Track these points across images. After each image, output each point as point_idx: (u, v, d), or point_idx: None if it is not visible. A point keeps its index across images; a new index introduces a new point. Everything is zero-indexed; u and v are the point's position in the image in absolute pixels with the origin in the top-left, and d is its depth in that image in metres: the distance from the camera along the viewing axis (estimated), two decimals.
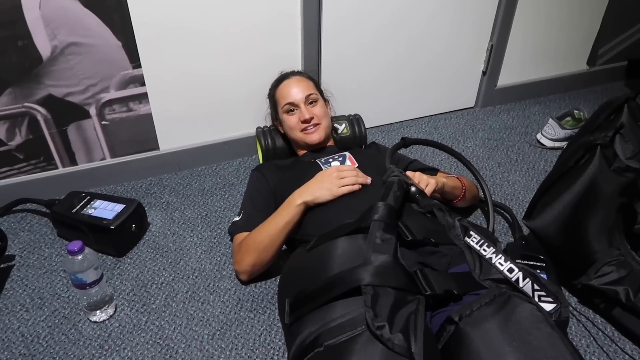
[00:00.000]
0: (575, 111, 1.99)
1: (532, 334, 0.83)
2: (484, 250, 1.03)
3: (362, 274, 0.87)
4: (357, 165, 1.37)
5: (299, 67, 1.78)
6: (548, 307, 0.94)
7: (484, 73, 2.15)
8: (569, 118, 1.99)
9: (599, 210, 1.20)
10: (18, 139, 1.54)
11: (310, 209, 1.22)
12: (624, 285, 1.15)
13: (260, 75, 1.67)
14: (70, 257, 1.15)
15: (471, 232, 1.06)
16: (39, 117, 1.53)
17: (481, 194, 1.49)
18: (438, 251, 1.05)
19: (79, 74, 1.51)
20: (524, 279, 0.96)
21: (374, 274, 0.87)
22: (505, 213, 1.57)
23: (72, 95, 1.54)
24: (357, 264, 0.91)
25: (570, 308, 1.26)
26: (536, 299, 0.94)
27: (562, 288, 1.30)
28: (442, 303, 0.96)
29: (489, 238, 1.05)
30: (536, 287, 0.95)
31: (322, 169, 1.33)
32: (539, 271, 1.24)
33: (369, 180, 1.25)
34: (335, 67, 1.85)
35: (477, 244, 1.04)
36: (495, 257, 1.01)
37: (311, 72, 1.73)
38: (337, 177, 1.21)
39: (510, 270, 0.98)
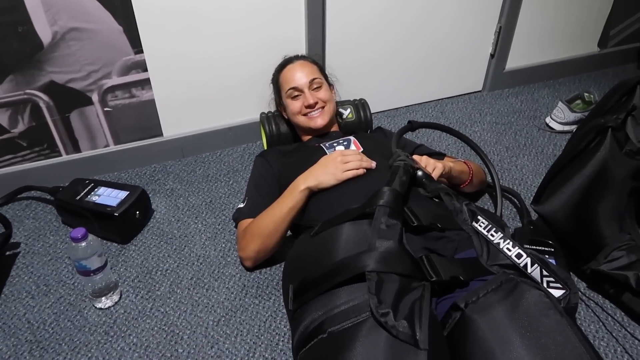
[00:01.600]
0: (586, 94, 1.95)
1: (540, 321, 0.82)
2: (492, 235, 1.01)
3: (367, 260, 0.86)
4: (362, 149, 1.35)
5: (303, 50, 1.75)
6: (557, 293, 0.92)
7: (492, 56, 2.10)
8: (579, 101, 1.95)
9: (610, 195, 1.18)
10: (21, 126, 1.53)
11: (314, 194, 1.21)
12: (635, 271, 1.13)
13: (264, 59, 1.65)
14: (73, 244, 1.15)
15: (479, 217, 1.04)
16: (42, 104, 1.52)
17: (489, 178, 1.47)
18: (444, 236, 1.04)
19: (81, 60, 1.50)
20: (532, 265, 0.94)
21: (379, 260, 0.86)
22: (513, 198, 1.55)
23: (74, 81, 1.52)
24: (361, 250, 0.89)
25: (579, 293, 1.24)
26: (545, 285, 0.92)
27: (571, 273, 1.28)
28: (448, 289, 0.94)
29: (497, 223, 1.03)
30: (545, 272, 0.93)
31: (326, 154, 1.31)
32: (547, 256, 1.22)
33: (373, 164, 1.23)
34: (340, 50, 1.82)
35: (484, 229, 1.02)
36: (503, 242, 0.99)
37: (315, 55, 1.70)
38: (341, 162, 1.20)
39: (519, 256, 0.96)
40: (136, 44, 1.53)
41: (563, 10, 2.10)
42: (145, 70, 1.59)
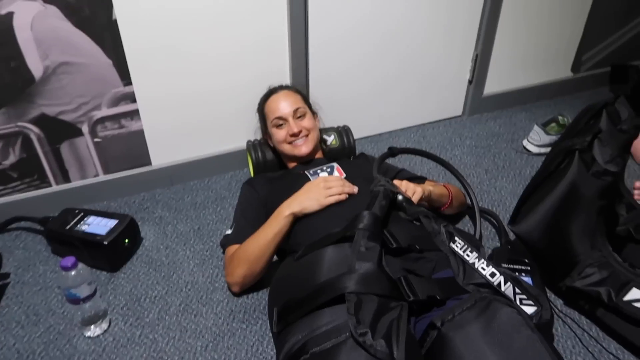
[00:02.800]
0: (560, 117, 2.04)
1: (513, 337, 0.86)
2: (467, 255, 1.05)
3: (347, 281, 0.90)
4: (344, 175, 1.40)
5: (287, 80, 1.81)
6: (529, 310, 0.96)
7: (470, 82, 2.19)
8: (553, 124, 2.03)
9: (581, 213, 1.23)
10: (12, 158, 1.57)
11: (299, 220, 1.25)
12: (606, 286, 1.18)
13: (250, 90, 1.70)
14: (63, 272, 1.17)
15: (456, 238, 1.09)
16: (32, 136, 1.56)
17: (468, 200, 1.52)
18: (423, 257, 1.08)
19: (71, 93, 1.54)
20: (505, 283, 0.99)
21: (358, 281, 0.90)
22: (492, 219, 1.60)
23: (65, 113, 1.57)
24: (342, 272, 0.93)
25: (557, 310, 1.29)
26: (517, 302, 0.97)
27: (548, 290, 1.32)
28: (426, 308, 0.98)
29: (473, 243, 1.08)
30: (517, 290, 0.98)
31: (310, 180, 1.36)
32: (524, 275, 1.27)
33: (355, 189, 1.28)
34: (323, 80, 1.89)
35: (461, 249, 1.07)
36: (478, 262, 1.04)
37: (299, 85, 1.76)
38: (324, 188, 1.24)
39: (492, 275, 1.00)
40: (125, 77, 1.59)
41: (536, 38, 2.20)
42: (134, 101, 1.64)
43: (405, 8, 1.88)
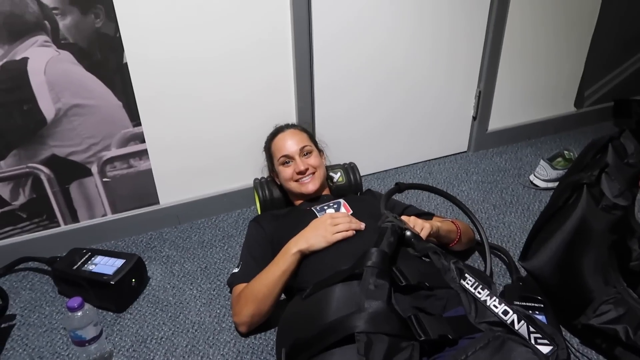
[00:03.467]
0: (565, 152, 2.04)
1: None
2: (479, 292, 1.03)
3: (356, 321, 0.88)
4: (351, 212, 1.40)
5: (293, 119, 1.84)
6: (545, 349, 0.93)
7: (474, 118, 2.21)
8: (560, 159, 2.04)
9: (592, 249, 1.22)
10: (22, 199, 1.58)
11: (306, 257, 1.24)
12: (623, 324, 1.15)
13: (257, 131, 1.73)
14: (70, 313, 1.16)
15: (466, 275, 1.07)
16: (43, 177, 1.58)
17: (477, 236, 1.51)
18: (433, 295, 1.06)
19: (82, 134, 1.57)
20: (519, 321, 0.96)
21: (368, 320, 0.88)
22: (501, 255, 1.58)
23: (75, 154, 1.59)
24: (351, 311, 0.91)
25: (573, 349, 1.25)
26: (532, 341, 0.94)
27: (564, 329, 1.29)
28: (437, 348, 0.96)
29: (484, 280, 1.06)
30: (532, 329, 0.95)
31: (317, 217, 1.35)
32: (537, 312, 1.24)
33: (362, 225, 1.27)
34: (328, 120, 1.92)
35: (472, 286, 1.05)
36: (490, 299, 1.01)
37: (305, 123, 1.79)
38: (331, 224, 1.24)
39: (505, 313, 0.98)
40: (135, 118, 1.62)
41: (537, 74, 2.24)
42: (143, 141, 1.66)
43: (408, 48, 1.93)
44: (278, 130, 1.64)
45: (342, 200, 1.46)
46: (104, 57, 1.50)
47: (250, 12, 1.62)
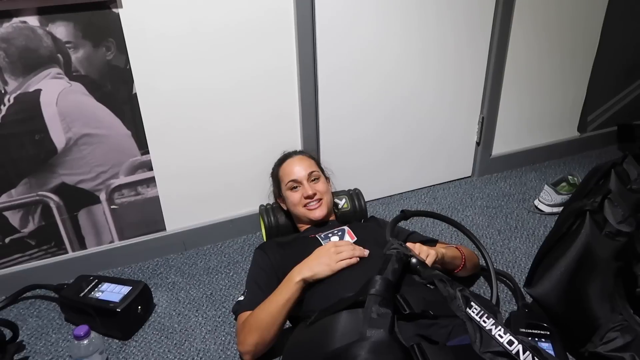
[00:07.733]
0: (570, 176, 2.04)
1: None
2: (484, 321, 1.03)
3: (358, 350, 0.88)
4: (355, 238, 1.41)
5: (298, 147, 1.87)
6: None
7: (477, 144, 2.23)
8: (564, 183, 2.04)
9: (597, 275, 1.22)
10: (31, 226, 1.61)
11: (310, 285, 1.24)
12: (630, 352, 1.14)
13: (263, 159, 1.76)
14: (76, 341, 1.17)
15: (472, 303, 1.07)
16: (52, 205, 1.61)
17: (482, 262, 1.51)
18: (437, 323, 1.06)
19: (91, 162, 1.60)
20: (524, 352, 0.95)
21: (370, 350, 0.88)
22: (507, 281, 1.57)
23: (84, 182, 1.62)
24: (354, 339, 0.92)
25: None
26: None
27: (571, 356, 1.28)
28: None
29: (490, 309, 1.05)
30: None
31: (321, 244, 1.36)
32: (543, 340, 1.23)
33: (366, 253, 1.28)
34: (333, 149, 1.94)
35: (477, 314, 1.04)
36: (495, 328, 1.01)
37: (311, 151, 1.81)
38: (335, 252, 1.25)
39: (510, 343, 0.97)
40: (143, 146, 1.65)
41: (540, 100, 2.26)
42: (151, 169, 1.69)
43: (413, 79, 1.96)
44: (286, 156, 1.67)
45: (346, 227, 1.47)
46: (115, 88, 1.54)
47: (257, 47, 1.66)
